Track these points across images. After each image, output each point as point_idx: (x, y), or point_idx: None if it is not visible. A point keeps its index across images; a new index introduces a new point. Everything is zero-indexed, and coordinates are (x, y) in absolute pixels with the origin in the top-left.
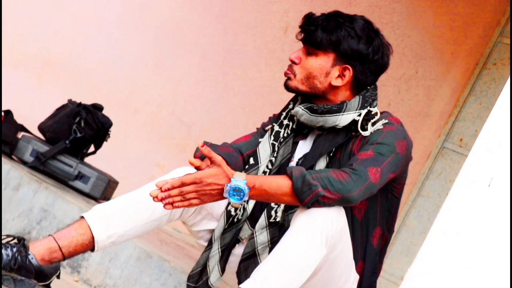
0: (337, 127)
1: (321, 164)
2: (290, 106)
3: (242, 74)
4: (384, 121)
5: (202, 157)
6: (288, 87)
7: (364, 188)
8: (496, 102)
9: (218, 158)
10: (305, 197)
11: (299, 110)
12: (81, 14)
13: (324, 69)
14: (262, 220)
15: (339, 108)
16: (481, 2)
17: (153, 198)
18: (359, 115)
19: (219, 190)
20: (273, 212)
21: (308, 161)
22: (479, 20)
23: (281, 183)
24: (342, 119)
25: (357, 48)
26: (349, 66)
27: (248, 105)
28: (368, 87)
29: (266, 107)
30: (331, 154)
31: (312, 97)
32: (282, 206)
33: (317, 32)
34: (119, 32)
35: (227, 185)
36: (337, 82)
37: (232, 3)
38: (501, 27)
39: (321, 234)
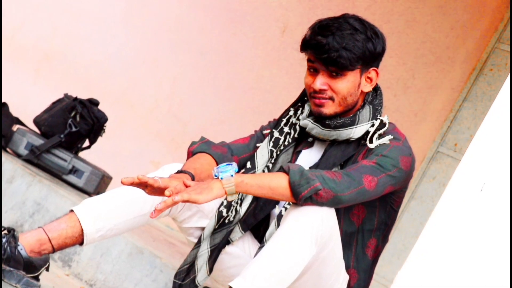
0: (351, 139)
1: None
2: (291, 113)
3: (239, 73)
4: (390, 136)
5: (194, 152)
6: (325, 116)
7: (356, 192)
8: (491, 107)
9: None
10: (302, 190)
11: (309, 124)
12: (80, 9)
13: (356, 83)
14: (273, 228)
15: (352, 121)
16: (479, 8)
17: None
18: (372, 125)
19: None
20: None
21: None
22: (476, 26)
23: (277, 176)
24: (356, 132)
25: (375, 50)
26: (374, 68)
27: (244, 104)
28: (375, 94)
29: (262, 106)
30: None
31: None
32: None
33: (342, 55)
34: (117, 28)
35: (213, 170)
36: (368, 88)
37: (231, 2)
38: (499, 33)
39: (311, 233)
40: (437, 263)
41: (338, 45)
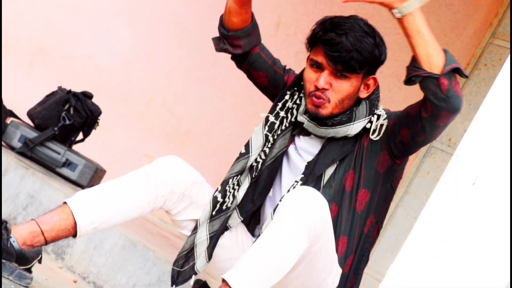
0: (349, 136)
1: (331, 168)
2: (287, 97)
3: (234, 67)
4: (384, 116)
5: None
6: (321, 117)
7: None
8: (483, 102)
9: None
10: (452, 67)
11: (305, 122)
12: (74, 3)
13: (357, 88)
14: (270, 219)
15: (349, 118)
16: (474, 3)
17: None
18: (369, 121)
19: None
20: None
21: (319, 167)
22: (471, 21)
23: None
24: (353, 128)
25: (380, 56)
26: (374, 76)
27: (238, 99)
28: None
29: (255, 101)
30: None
31: None
32: None
33: (353, 57)
34: (112, 22)
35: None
36: (364, 94)
37: None
38: (493, 29)
39: (304, 226)
40: (429, 257)
41: (352, 46)
